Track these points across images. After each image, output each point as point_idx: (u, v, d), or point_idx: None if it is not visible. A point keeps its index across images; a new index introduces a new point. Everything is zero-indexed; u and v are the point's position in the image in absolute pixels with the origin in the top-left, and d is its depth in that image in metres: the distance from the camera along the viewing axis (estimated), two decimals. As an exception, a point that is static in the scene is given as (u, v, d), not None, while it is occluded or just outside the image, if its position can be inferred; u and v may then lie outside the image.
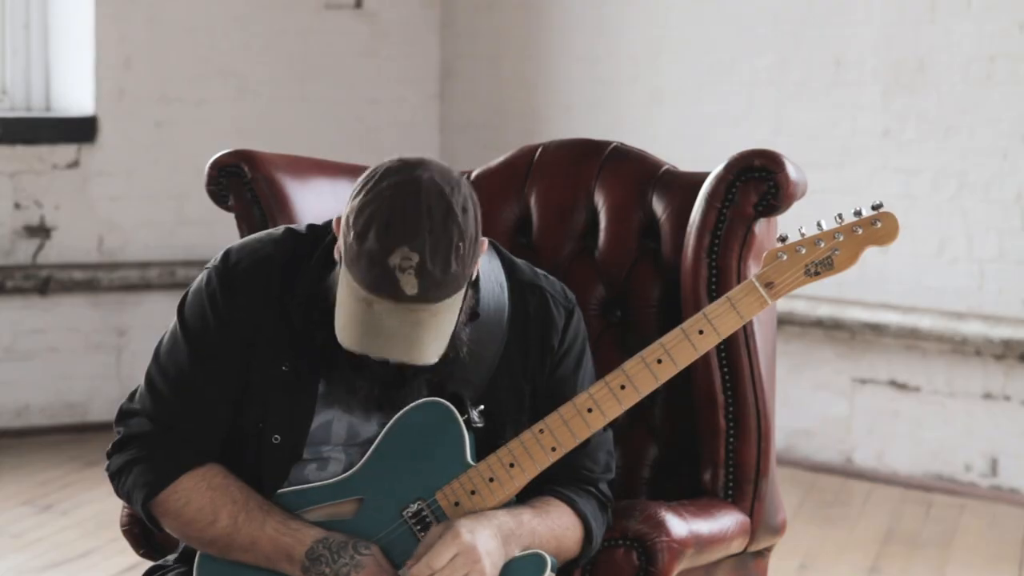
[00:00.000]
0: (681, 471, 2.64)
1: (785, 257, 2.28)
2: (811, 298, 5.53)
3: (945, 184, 5.32)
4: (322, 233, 2.29)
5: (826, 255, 2.28)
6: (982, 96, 5.22)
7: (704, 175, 2.62)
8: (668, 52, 5.93)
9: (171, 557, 2.41)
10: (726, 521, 2.52)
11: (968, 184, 5.27)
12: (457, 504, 2.22)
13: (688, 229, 2.59)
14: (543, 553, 2.23)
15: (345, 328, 2.11)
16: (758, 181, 2.54)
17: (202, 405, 2.25)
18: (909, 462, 5.42)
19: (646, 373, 2.26)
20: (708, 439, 2.58)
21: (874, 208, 2.29)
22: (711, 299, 2.54)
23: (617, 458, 2.66)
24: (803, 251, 2.28)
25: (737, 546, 2.57)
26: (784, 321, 5.44)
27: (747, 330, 2.55)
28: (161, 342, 2.32)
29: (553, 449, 2.24)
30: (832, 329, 5.52)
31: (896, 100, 5.41)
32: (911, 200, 5.36)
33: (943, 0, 5.28)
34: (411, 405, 2.24)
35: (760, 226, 2.56)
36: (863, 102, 5.48)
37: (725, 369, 2.56)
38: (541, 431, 2.24)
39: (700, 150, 5.61)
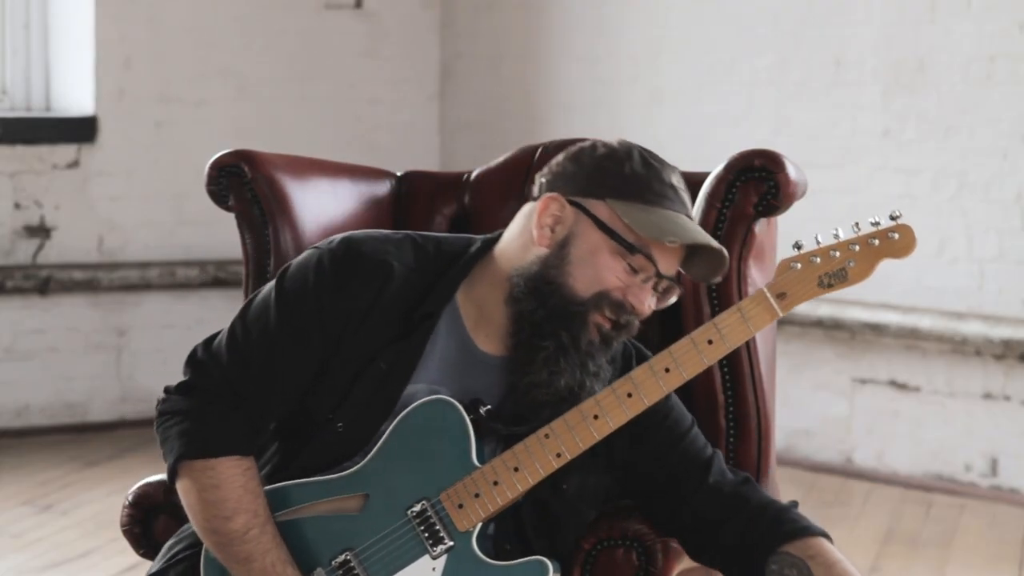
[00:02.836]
0: (681, 471, 2.64)
1: (799, 266, 2.23)
2: (811, 298, 5.53)
3: (945, 184, 5.32)
4: (455, 252, 2.32)
5: (840, 266, 2.22)
6: (982, 96, 5.22)
7: (704, 175, 2.62)
8: (668, 52, 5.93)
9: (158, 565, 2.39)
10: (726, 521, 2.52)
11: (968, 184, 5.27)
12: (461, 506, 2.22)
13: (688, 229, 2.58)
14: (544, 560, 2.24)
15: (666, 222, 2.22)
16: (758, 181, 2.54)
17: (276, 379, 2.25)
18: (909, 462, 5.42)
19: (653, 382, 2.23)
20: (708, 439, 2.58)
21: (892, 218, 2.22)
22: (711, 299, 2.54)
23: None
24: (817, 260, 2.22)
25: (737, 546, 2.56)
26: (784, 321, 5.44)
27: (747, 330, 2.54)
28: (252, 301, 2.30)
29: (558, 455, 2.22)
30: (832, 329, 5.52)
31: (896, 100, 5.41)
32: (911, 200, 5.36)
33: (943, 0, 5.28)
34: (419, 402, 2.24)
35: (760, 226, 2.56)
36: (863, 102, 5.48)
37: (725, 369, 2.56)
38: (547, 436, 2.22)
39: (700, 150, 5.62)
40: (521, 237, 2.27)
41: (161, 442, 2.28)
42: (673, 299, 2.28)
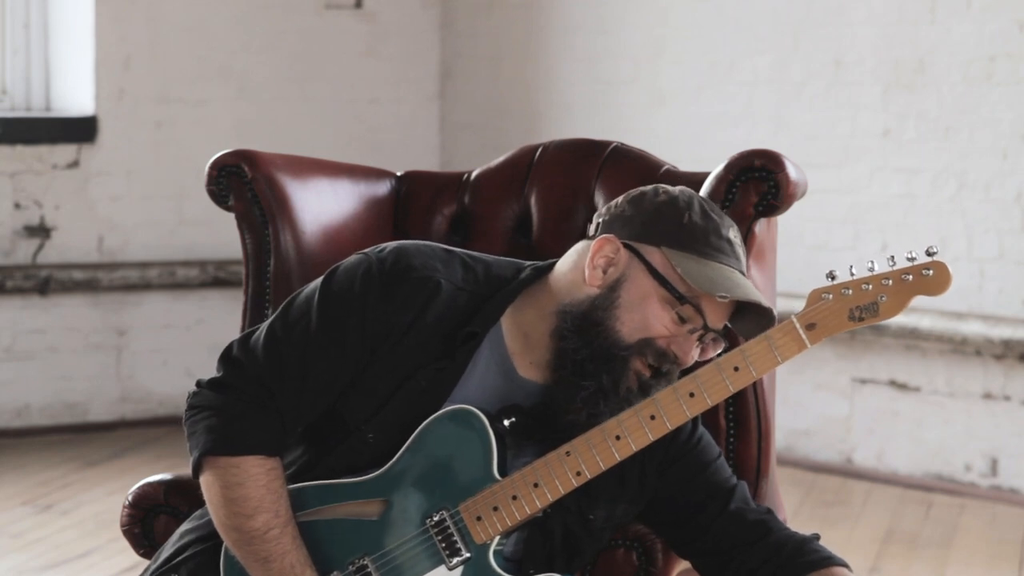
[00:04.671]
0: (681, 471, 2.64)
1: (830, 297, 2.18)
2: (811, 298, 5.53)
3: (945, 184, 5.32)
4: (504, 276, 2.31)
5: (872, 300, 2.17)
6: (982, 96, 5.23)
7: (704, 175, 2.62)
8: (668, 52, 5.93)
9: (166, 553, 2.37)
10: (726, 521, 2.52)
11: (968, 184, 5.27)
12: (479, 519, 2.21)
13: (688, 229, 2.58)
14: None
15: (719, 276, 2.20)
16: (758, 181, 2.54)
17: (310, 383, 2.24)
18: (909, 462, 5.42)
19: (677, 406, 2.20)
20: (708, 439, 2.58)
21: (928, 254, 2.18)
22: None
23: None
24: (849, 293, 2.17)
25: (737, 546, 2.56)
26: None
27: (747, 330, 2.55)
28: (293, 301, 2.29)
29: (578, 474, 2.20)
30: (832, 329, 5.51)
31: (896, 100, 5.41)
32: (911, 200, 5.36)
33: (943, 0, 5.28)
34: (444, 411, 2.23)
35: (760, 226, 2.56)
36: (863, 102, 5.48)
37: (725, 369, 2.56)
38: (567, 453, 2.20)
39: (700, 150, 5.62)
40: (573, 273, 2.26)
41: (188, 435, 2.27)
42: (718, 352, 2.26)
